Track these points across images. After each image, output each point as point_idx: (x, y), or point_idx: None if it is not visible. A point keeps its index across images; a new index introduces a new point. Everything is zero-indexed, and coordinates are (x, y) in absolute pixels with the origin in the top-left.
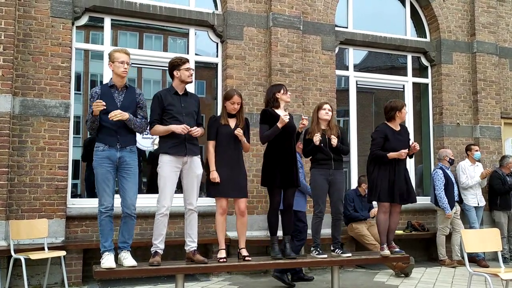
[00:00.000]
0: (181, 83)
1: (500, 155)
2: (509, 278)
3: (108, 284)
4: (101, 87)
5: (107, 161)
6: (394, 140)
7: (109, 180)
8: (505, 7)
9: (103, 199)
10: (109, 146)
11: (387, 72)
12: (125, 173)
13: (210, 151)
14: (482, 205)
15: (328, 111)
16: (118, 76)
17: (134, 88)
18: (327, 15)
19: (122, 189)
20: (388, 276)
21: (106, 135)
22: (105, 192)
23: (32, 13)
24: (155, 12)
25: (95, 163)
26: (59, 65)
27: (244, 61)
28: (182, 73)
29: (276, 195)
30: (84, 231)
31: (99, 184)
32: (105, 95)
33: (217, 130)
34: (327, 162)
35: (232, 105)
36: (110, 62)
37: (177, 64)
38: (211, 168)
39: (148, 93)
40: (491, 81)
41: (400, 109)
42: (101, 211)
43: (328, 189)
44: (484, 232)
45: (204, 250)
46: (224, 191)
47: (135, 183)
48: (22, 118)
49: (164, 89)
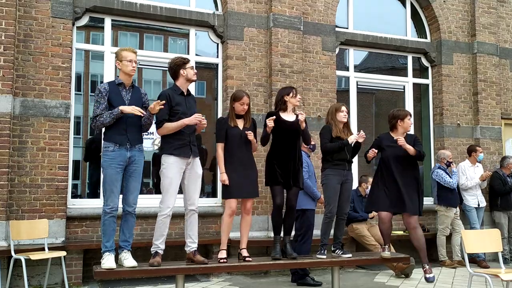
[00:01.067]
0: (187, 82)
1: (500, 155)
2: (509, 279)
3: (108, 285)
4: (108, 84)
5: (117, 162)
6: (390, 149)
7: (118, 181)
8: (506, 8)
9: (110, 200)
10: (119, 146)
11: (388, 72)
12: (132, 172)
13: (220, 153)
14: (483, 206)
15: (346, 113)
16: (126, 75)
17: (139, 88)
18: (328, 15)
19: (126, 187)
20: (389, 277)
21: (115, 134)
22: (112, 193)
23: (32, 13)
24: (156, 13)
25: (105, 163)
26: (60, 65)
27: (244, 62)
28: (188, 72)
29: (278, 195)
30: (84, 232)
31: (108, 185)
32: (114, 93)
33: (226, 132)
34: (343, 163)
35: (241, 106)
36: (118, 60)
37: (182, 63)
38: (221, 170)
39: (148, 94)
40: (491, 82)
41: (402, 118)
42: (106, 211)
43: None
44: (485, 232)
45: (204, 251)
46: (236, 192)
47: (139, 182)
48: (23, 119)
49: (169, 89)
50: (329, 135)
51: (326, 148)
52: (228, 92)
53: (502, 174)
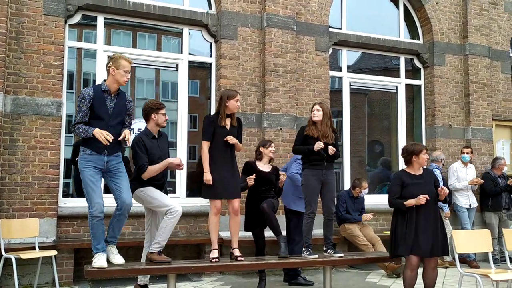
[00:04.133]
0: (157, 126)
1: (491, 156)
2: (499, 279)
3: (99, 284)
4: (93, 88)
5: (95, 164)
6: (413, 186)
7: (97, 181)
8: (498, 10)
9: (94, 201)
10: (97, 152)
11: (381, 73)
12: (116, 173)
13: (205, 151)
14: (474, 207)
15: (315, 112)
16: (116, 83)
17: (125, 94)
18: (321, 16)
19: (118, 188)
20: (380, 277)
21: (94, 142)
22: (94, 192)
23: (24, 10)
24: (149, 11)
25: (82, 165)
26: (52, 63)
27: (238, 61)
28: (160, 117)
29: (260, 237)
30: (75, 231)
31: (87, 185)
32: (98, 99)
33: (213, 130)
34: (320, 163)
35: (236, 103)
36: (113, 66)
37: (157, 107)
38: (205, 170)
39: (141, 93)
40: (483, 83)
41: (417, 154)
42: (92, 215)
43: (320, 190)
44: (475, 233)
45: (196, 250)
46: (219, 192)
47: (128, 181)
48: (14, 117)
49: (142, 133)
50: (301, 137)
51: (296, 150)
52: (221, 92)
53: (493, 175)
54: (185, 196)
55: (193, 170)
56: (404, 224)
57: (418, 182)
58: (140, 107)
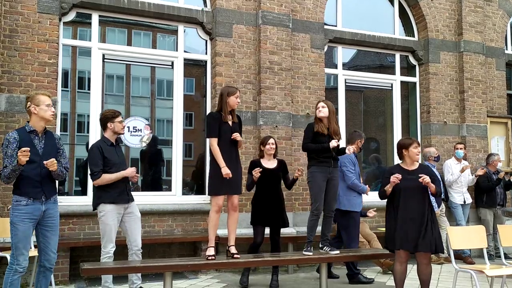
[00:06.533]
0: (114, 134)
1: (486, 153)
2: (494, 275)
3: (95, 283)
4: (18, 132)
5: (30, 217)
6: (403, 180)
7: (29, 238)
8: (492, 7)
9: (22, 259)
10: (33, 200)
11: (376, 70)
12: (49, 226)
13: (216, 147)
14: (468, 203)
15: (321, 109)
16: (42, 120)
17: (52, 133)
18: (316, 13)
19: (45, 243)
20: (376, 273)
21: (29, 187)
22: (25, 250)
23: (18, 8)
24: (144, 9)
25: (16, 218)
26: (46, 61)
27: (233, 59)
28: (116, 125)
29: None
30: (71, 229)
31: (20, 243)
32: (25, 142)
33: (219, 127)
34: (328, 160)
35: (236, 99)
36: (33, 105)
37: (111, 116)
38: (222, 165)
39: (136, 90)
40: (477, 80)
41: (407, 147)
42: (16, 271)
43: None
44: (470, 229)
45: (192, 248)
46: (224, 189)
47: (57, 235)
48: (8, 115)
49: (99, 141)
50: (311, 134)
51: (307, 148)
52: (217, 89)
53: (487, 171)
54: (181, 194)
55: (189, 167)
56: (393, 218)
57: (410, 178)
58: (135, 105)
